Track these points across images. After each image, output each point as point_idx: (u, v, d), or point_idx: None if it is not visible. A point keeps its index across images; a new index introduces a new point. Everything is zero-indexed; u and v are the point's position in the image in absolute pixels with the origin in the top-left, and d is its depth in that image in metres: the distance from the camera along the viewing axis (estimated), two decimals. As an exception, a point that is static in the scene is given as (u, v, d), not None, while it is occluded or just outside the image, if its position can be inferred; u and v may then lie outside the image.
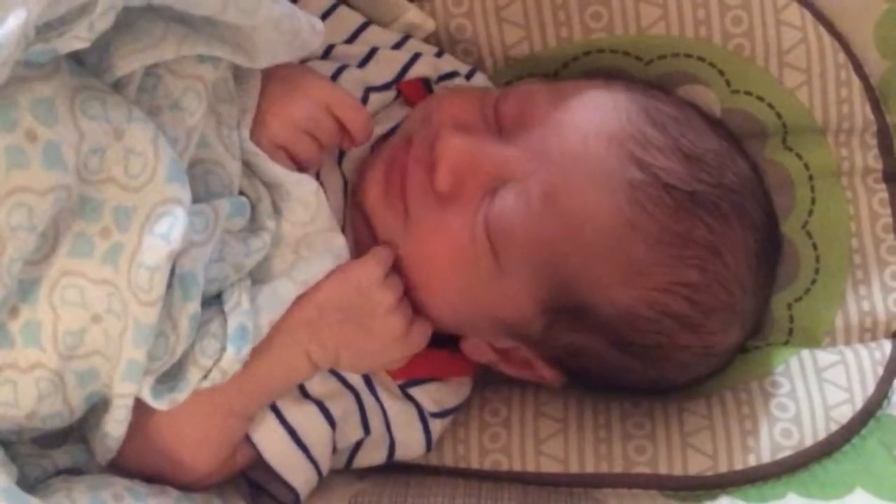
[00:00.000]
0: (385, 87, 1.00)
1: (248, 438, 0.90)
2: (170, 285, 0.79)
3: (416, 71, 1.01)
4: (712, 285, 0.89)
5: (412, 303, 0.92)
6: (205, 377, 0.83)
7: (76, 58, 0.79)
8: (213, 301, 0.85)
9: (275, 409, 0.90)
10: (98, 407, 0.83)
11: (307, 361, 0.89)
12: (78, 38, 0.73)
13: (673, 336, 0.90)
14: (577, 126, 0.89)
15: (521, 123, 0.91)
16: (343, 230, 0.92)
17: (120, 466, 0.86)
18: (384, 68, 1.00)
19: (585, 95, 0.92)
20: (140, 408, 0.83)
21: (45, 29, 0.72)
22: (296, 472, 0.91)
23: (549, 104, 0.91)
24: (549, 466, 0.96)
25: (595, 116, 0.89)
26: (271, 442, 0.90)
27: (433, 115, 0.94)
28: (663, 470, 0.95)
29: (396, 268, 0.91)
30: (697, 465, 0.94)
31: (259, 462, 0.91)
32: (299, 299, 0.87)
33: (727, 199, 0.89)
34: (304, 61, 0.97)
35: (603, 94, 0.92)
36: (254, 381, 0.87)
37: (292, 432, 0.90)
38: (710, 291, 0.89)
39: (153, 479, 0.87)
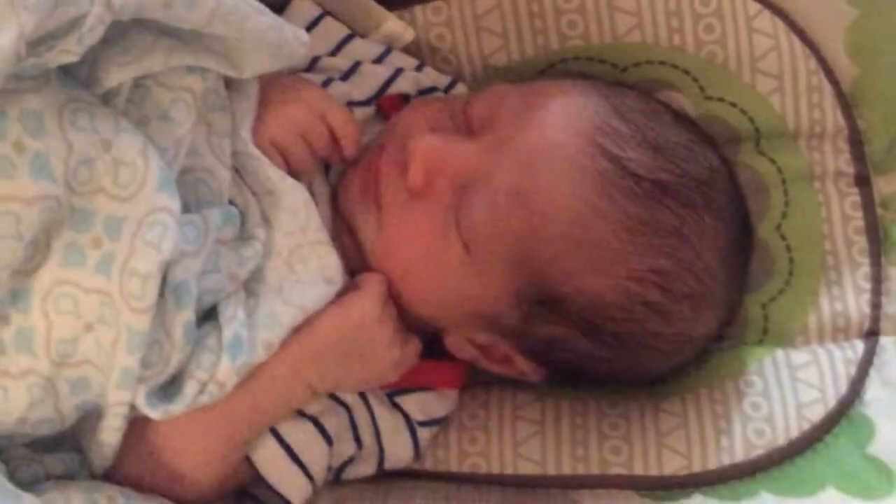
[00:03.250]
0: (366, 102, 1.01)
1: (246, 457, 0.91)
2: (162, 294, 0.80)
3: (397, 87, 1.03)
4: (682, 273, 0.90)
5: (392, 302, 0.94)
6: (201, 391, 0.83)
7: (65, 70, 0.79)
8: (210, 316, 0.86)
9: (272, 428, 0.91)
10: (92, 416, 0.84)
11: (310, 392, 0.90)
12: (67, 53, 0.74)
13: (645, 323, 0.91)
14: (544, 121, 0.90)
15: (490, 123, 0.92)
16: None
17: (117, 481, 0.86)
18: (366, 83, 1.02)
19: (552, 93, 0.93)
20: (144, 428, 0.84)
21: (36, 43, 0.72)
22: (292, 487, 0.92)
23: (516, 103, 0.92)
24: (527, 469, 0.97)
25: (561, 111, 0.91)
26: (269, 460, 0.91)
27: (404, 119, 0.96)
28: (639, 470, 0.95)
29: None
30: (672, 465, 0.95)
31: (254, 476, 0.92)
32: (302, 335, 0.88)
33: (695, 188, 0.90)
34: (290, 73, 0.98)
35: (570, 91, 0.93)
36: (259, 413, 0.89)
37: (289, 450, 0.91)
38: (680, 279, 0.90)
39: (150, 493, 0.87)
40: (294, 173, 0.91)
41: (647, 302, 0.90)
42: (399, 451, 0.97)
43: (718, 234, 0.92)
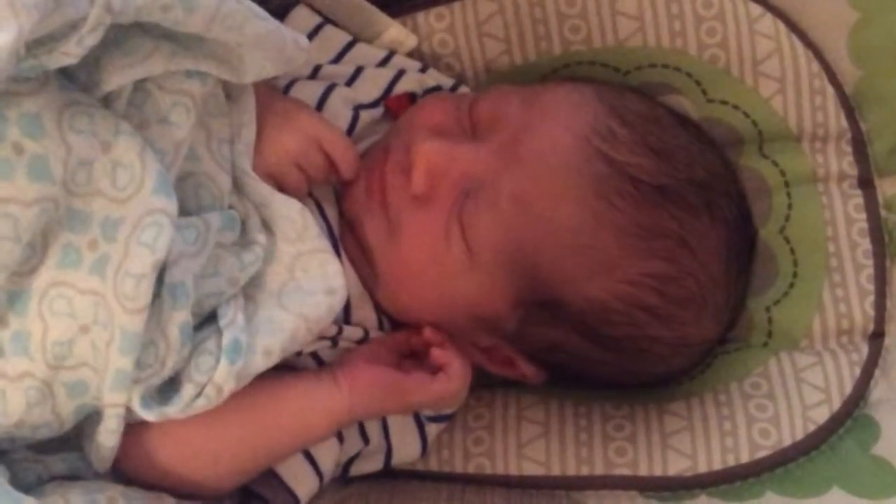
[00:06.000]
0: (373, 104, 1.02)
1: None
2: (158, 295, 0.80)
3: (402, 87, 1.03)
4: (682, 277, 0.90)
5: (395, 306, 0.95)
6: (199, 394, 0.83)
7: (66, 73, 0.80)
8: (210, 321, 0.86)
9: None
10: (92, 417, 0.84)
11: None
12: (67, 55, 0.74)
13: (644, 327, 0.92)
14: (546, 126, 0.91)
15: (494, 125, 0.93)
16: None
17: (127, 479, 0.86)
18: (371, 86, 1.02)
19: (555, 96, 0.94)
20: (149, 436, 0.84)
21: (35, 45, 0.73)
22: (302, 482, 0.92)
23: (520, 106, 0.93)
24: (532, 469, 0.97)
25: (563, 116, 0.91)
26: None
27: (409, 120, 0.97)
28: (643, 471, 0.96)
29: (381, 278, 0.94)
30: (677, 466, 0.95)
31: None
32: (344, 383, 0.89)
33: (696, 193, 0.91)
34: (293, 81, 0.99)
35: (572, 95, 0.94)
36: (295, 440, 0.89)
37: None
38: (680, 283, 0.91)
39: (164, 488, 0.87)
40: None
41: (645, 306, 0.91)
42: (406, 447, 0.98)
43: (719, 237, 0.92)
